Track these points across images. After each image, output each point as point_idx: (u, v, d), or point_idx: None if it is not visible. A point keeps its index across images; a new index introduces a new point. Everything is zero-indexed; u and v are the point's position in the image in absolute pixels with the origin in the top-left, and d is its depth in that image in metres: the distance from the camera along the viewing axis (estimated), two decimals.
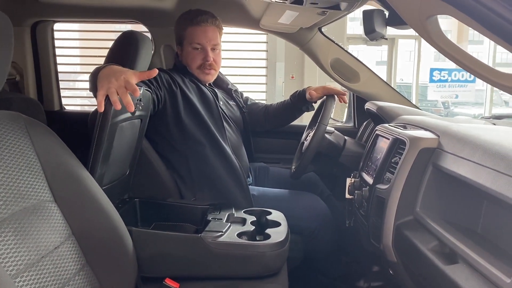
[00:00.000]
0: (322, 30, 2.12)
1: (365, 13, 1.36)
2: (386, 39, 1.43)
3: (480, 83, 8.50)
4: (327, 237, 1.87)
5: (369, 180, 1.42)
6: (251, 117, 2.11)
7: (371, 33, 1.36)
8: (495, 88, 8.83)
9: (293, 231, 1.73)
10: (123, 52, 1.76)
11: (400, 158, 1.26)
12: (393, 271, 1.32)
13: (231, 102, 1.96)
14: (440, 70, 7.59)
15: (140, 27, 2.45)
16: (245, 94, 2.21)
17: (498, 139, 0.99)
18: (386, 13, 1.39)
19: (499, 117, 1.81)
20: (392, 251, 1.24)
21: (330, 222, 1.86)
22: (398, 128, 1.41)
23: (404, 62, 10.70)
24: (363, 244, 1.54)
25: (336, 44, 2.14)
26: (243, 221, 1.47)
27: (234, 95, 2.05)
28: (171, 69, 1.90)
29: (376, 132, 1.54)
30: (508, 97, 11.49)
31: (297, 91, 2.02)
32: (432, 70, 7.58)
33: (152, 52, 2.16)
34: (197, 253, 1.30)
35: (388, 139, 1.39)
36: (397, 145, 1.31)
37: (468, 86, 7.57)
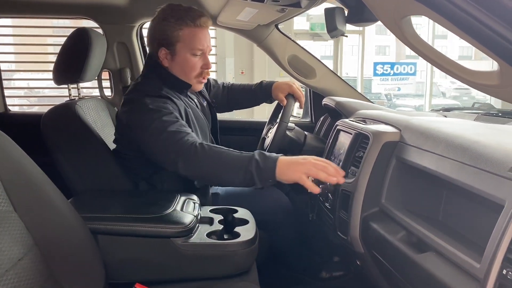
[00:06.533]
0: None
1: (327, 11, 1.39)
2: (347, 36, 1.47)
3: (419, 76, 8.94)
4: (291, 230, 1.90)
5: None
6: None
7: (333, 31, 1.39)
8: (434, 80, 9.33)
9: (259, 226, 1.74)
10: (77, 49, 1.69)
11: (363, 152, 1.30)
12: (360, 262, 1.36)
13: (204, 103, 1.86)
14: (383, 64, 7.89)
15: (80, 23, 2.35)
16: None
17: (459, 132, 1.04)
18: (346, 11, 1.42)
19: (448, 110, 1.91)
20: (359, 243, 1.28)
21: (292, 216, 1.89)
22: (360, 123, 1.45)
23: (347, 57, 11.05)
24: (329, 236, 1.57)
25: (293, 40, 2.16)
26: (210, 221, 1.45)
27: (202, 93, 1.96)
28: (155, 82, 1.58)
29: (338, 127, 1.57)
30: (445, 89, 12.19)
31: (262, 82, 1.95)
32: (375, 64, 7.87)
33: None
34: (167, 256, 1.27)
35: (351, 134, 1.43)
36: (360, 139, 1.35)
37: (409, 79, 7.92)
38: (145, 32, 2.34)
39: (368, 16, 1.37)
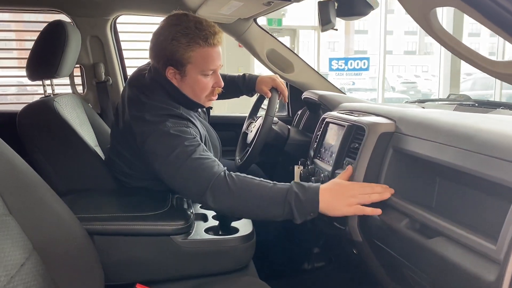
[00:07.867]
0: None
1: (321, 4, 1.40)
2: (336, 29, 1.49)
3: (372, 71, 9.24)
4: (274, 225, 1.92)
5: (326, 166, 1.47)
6: None
7: (326, 24, 1.41)
8: (385, 76, 9.68)
9: None
10: (53, 44, 1.61)
11: (359, 144, 1.32)
12: (357, 250, 1.39)
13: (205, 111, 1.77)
14: (338, 59, 8.08)
15: (22, 17, 2.24)
16: None
17: (460, 121, 1.09)
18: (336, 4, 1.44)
19: (423, 101, 1.98)
20: (357, 232, 1.30)
21: None
22: (352, 115, 1.48)
23: (301, 52, 11.24)
24: (322, 228, 1.59)
25: (271, 35, 2.17)
26: (204, 217, 1.43)
27: None
28: (167, 102, 1.45)
29: (326, 119, 1.60)
30: (394, 84, 12.73)
31: (245, 76, 1.93)
32: (330, 59, 8.04)
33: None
34: (167, 254, 1.25)
35: (343, 126, 1.45)
36: (354, 131, 1.38)
37: (363, 74, 8.16)
38: (119, 27, 2.27)
39: (357, 10, 1.40)
